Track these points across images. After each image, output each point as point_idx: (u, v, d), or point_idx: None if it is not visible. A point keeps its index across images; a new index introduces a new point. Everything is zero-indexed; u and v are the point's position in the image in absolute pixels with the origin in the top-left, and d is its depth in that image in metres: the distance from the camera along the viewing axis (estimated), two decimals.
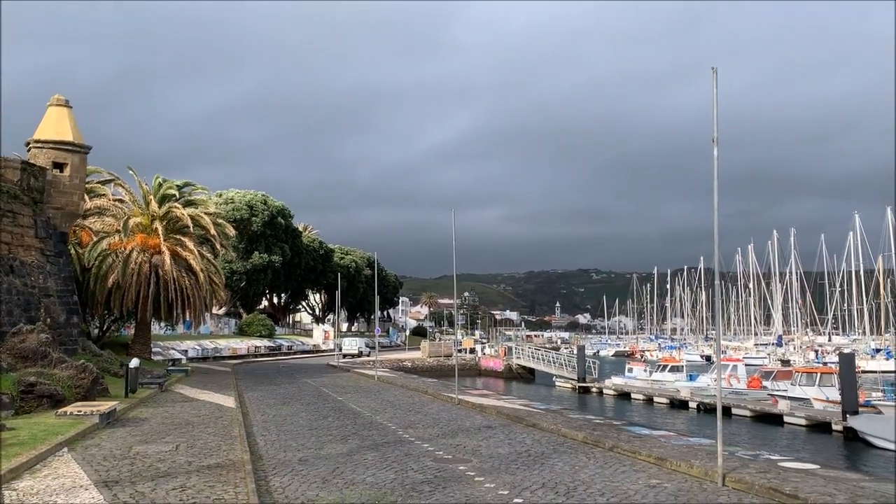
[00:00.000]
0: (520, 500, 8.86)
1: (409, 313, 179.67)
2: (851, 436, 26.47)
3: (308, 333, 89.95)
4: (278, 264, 74.36)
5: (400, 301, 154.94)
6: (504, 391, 40.15)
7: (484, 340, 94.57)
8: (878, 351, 70.10)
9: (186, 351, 49.72)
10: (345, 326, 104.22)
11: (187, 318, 41.69)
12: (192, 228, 38.04)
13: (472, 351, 71.50)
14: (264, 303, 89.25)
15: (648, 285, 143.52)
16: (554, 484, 9.84)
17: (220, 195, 70.96)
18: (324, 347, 76.56)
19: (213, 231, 39.16)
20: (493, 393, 28.76)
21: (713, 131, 10.81)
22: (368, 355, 61.16)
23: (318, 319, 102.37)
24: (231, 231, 44.54)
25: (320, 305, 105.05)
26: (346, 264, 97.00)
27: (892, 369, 55.19)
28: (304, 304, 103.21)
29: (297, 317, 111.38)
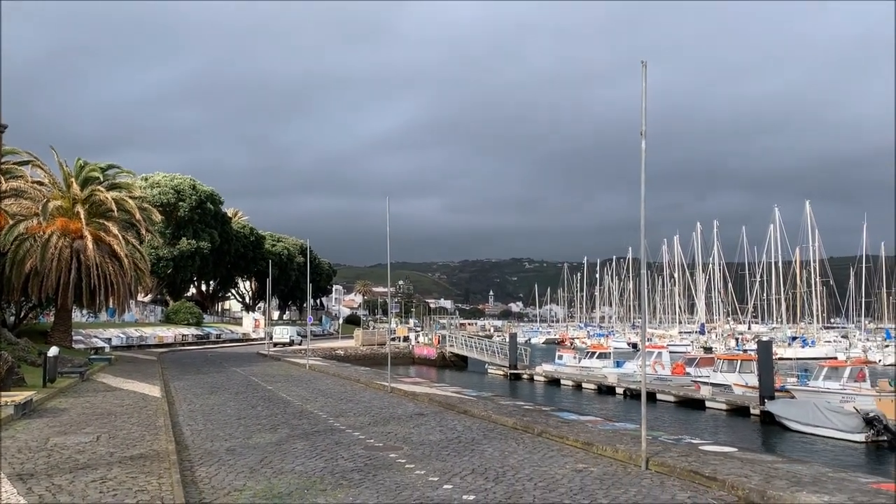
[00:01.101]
0: (449, 487, 8.92)
1: (343, 302, 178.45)
2: (768, 419, 27.66)
3: (238, 322, 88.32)
4: (207, 251, 72.63)
5: (333, 289, 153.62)
6: (437, 379, 40.34)
7: (418, 329, 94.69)
8: (794, 339, 73.42)
9: (110, 339, 48.14)
10: (276, 315, 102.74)
11: (111, 306, 40.40)
12: (116, 213, 36.76)
13: (406, 339, 71.57)
14: (192, 290, 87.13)
15: (579, 274, 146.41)
16: (484, 469, 9.94)
17: (147, 179, 68.75)
18: (254, 336, 75.33)
19: (138, 216, 37.94)
20: (426, 381, 28.86)
21: (641, 124, 11.03)
22: (300, 344, 60.48)
23: (249, 308, 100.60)
24: (157, 216, 43.27)
25: (251, 293, 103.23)
26: (278, 251, 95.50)
27: (808, 356, 57.92)
28: (233, 291, 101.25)
29: (227, 305, 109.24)
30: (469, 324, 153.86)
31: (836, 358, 48.76)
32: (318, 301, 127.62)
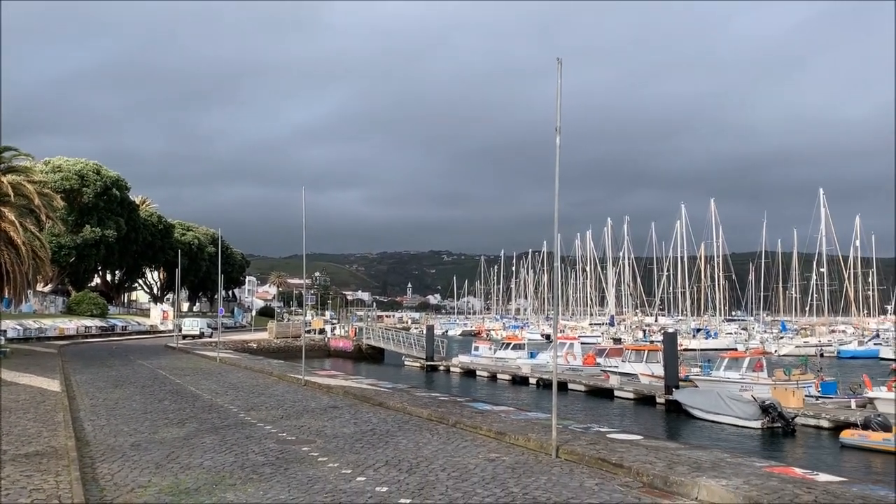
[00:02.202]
0: (362, 479, 8.88)
1: (257, 293, 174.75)
2: (673, 408, 28.80)
3: (145, 313, 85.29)
4: (112, 239, 69.68)
5: (247, 280, 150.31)
6: (353, 371, 40.10)
7: (334, 321, 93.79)
8: (698, 331, 76.63)
9: (5, 331, 45.52)
10: (186, 306, 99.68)
11: (6, 296, 38.19)
12: (13, 198, 34.72)
13: (322, 332, 70.85)
14: (96, 280, 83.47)
15: (496, 267, 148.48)
16: (398, 461, 9.94)
17: (48, 163, 65.30)
18: (162, 328, 72.91)
19: (37, 201, 35.97)
20: (341, 373, 28.63)
21: (556, 121, 11.21)
22: (210, 336, 58.89)
23: (157, 299, 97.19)
24: (59, 202, 41.20)
25: (159, 284, 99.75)
26: (188, 241, 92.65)
27: (710, 347, 60.57)
28: (140, 282, 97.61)
29: (134, 296, 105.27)
30: (386, 316, 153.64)
31: (736, 349, 51.23)
32: (230, 292, 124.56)
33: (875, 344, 63.66)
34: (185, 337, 57.70)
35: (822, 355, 42.14)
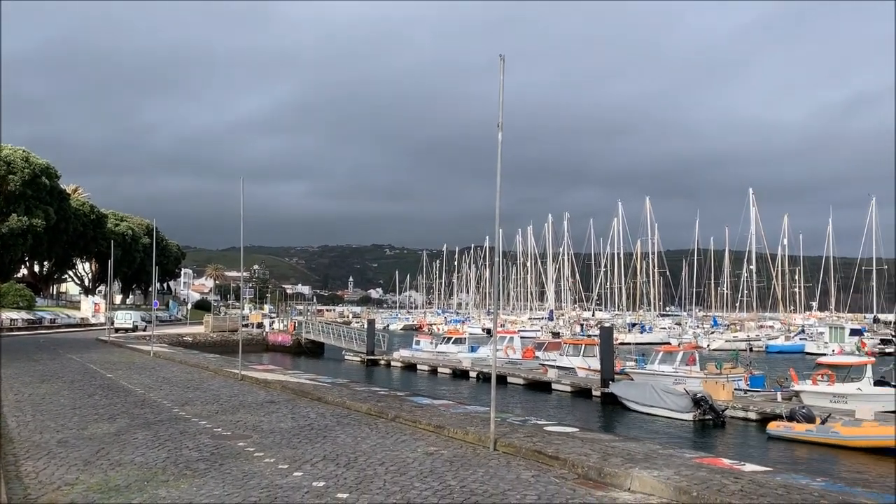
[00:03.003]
0: (299, 474, 8.80)
1: (193, 286, 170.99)
2: (608, 400, 29.41)
3: (76, 306, 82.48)
4: (41, 228, 67.11)
5: (183, 273, 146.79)
6: (291, 366, 39.63)
7: (273, 315, 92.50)
8: (633, 325, 78.44)
9: None
10: (118, 299, 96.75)
11: None
12: None
13: (260, 325, 69.84)
14: (23, 271, 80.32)
15: (438, 262, 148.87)
16: (335, 456, 9.88)
17: None
18: (94, 321, 70.63)
19: None
20: (280, 368, 28.29)
21: (498, 117, 11.27)
22: (144, 329, 57.36)
23: (88, 291, 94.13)
24: None
25: (90, 276, 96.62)
26: (122, 231, 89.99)
27: (645, 341, 62.07)
28: (71, 273, 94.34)
29: (64, 287, 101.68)
30: (327, 310, 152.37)
31: (669, 343, 52.66)
32: (165, 285, 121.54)
33: (801, 339, 66.29)
34: (117, 330, 55.99)
35: (751, 350, 43.58)
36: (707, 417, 24.86)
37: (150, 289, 70.90)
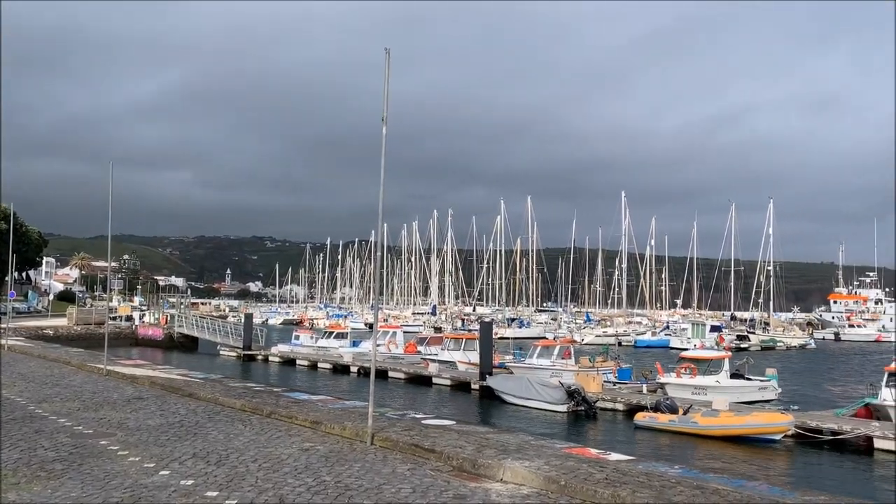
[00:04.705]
0: (166, 472, 8.44)
1: (56, 276, 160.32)
2: (486, 394, 30.00)
3: None
4: None
5: (44, 262, 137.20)
6: (163, 361, 37.96)
7: (144, 307, 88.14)
8: (512, 320, 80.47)
9: None
10: None
11: None
12: None
13: (130, 318, 66.52)
14: None
15: (321, 255, 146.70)
16: (206, 453, 9.55)
17: None
18: None
19: None
20: (149, 363, 27.03)
21: (383, 110, 11.24)
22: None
23: None
24: None
25: None
26: None
27: (524, 336, 63.84)
28: None
29: None
30: (202, 303, 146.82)
31: (546, 338, 54.38)
32: (23, 274, 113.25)
33: (666, 334, 70.17)
34: None
35: (620, 344, 45.74)
36: (580, 409, 25.82)
37: (7, 278, 65.94)
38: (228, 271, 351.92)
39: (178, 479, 8.12)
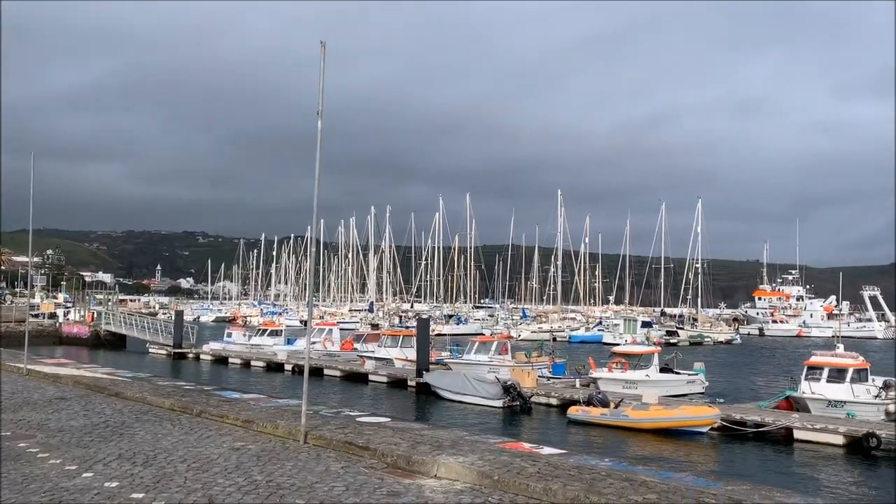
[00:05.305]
0: (90, 475, 8.15)
1: None
2: (423, 390, 30.06)
3: None
4: None
5: None
6: (88, 360, 36.70)
7: (69, 304, 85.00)
8: (450, 317, 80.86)
9: None
10: None
11: None
12: None
13: (53, 316, 64.17)
14: None
15: (256, 251, 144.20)
16: (132, 454, 9.27)
17: None
18: None
19: None
20: (74, 362, 26.08)
21: (318, 104, 11.12)
22: None
23: None
24: None
25: None
26: None
27: (462, 332, 64.20)
28: None
29: None
30: (131, 300, 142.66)
31: (483, 334, 54.81)
32: None
33: (599, 330, 71.75)
34: None
35: (555, 340, 46.38)
36: (515, 404, 26.12)
37: None
38: (159, 267, 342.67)
39: (101, 482, 7.85)
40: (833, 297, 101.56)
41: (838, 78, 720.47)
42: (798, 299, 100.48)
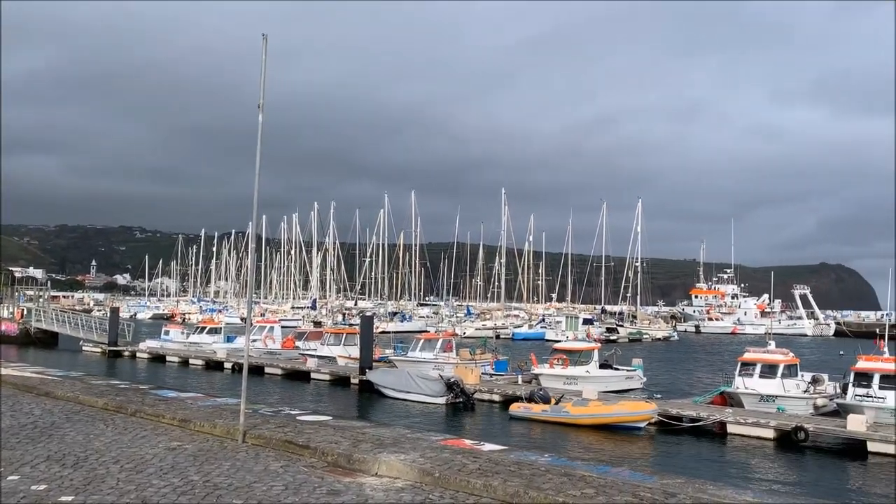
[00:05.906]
0: (16, 478, 7.86)
1: None
2: (366, 388, 29.88)
3: None
4: None
5: None
6: (17, 358, 35.29)
7: None
8: (395, 314, 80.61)
9: None
10: None
11: None
12: None
13: None
14: None
15: (195, 247, 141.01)
16: (62, 455, 8.97)
17: None
18: None
19: None
20: (2, 360, 25.05)
21: (260, 97, 10.98)
22: None
23: None
24: None
25: None
26: None
27: (406, 330, 64.14)
28: None
29: None
30: (64, 296, 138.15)
31: (427, 331, 54.85)
32: None
33: (542, 327, 72.52)
34: None
35: (498, 337, 46.76)
36: (458, 401, 26.18)
37: None
38: (94, 263, 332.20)
39: (28, 485, 7.58)
40: (766, 296, 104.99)
41: (777, 84, 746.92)
42: (733, 297, 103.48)
